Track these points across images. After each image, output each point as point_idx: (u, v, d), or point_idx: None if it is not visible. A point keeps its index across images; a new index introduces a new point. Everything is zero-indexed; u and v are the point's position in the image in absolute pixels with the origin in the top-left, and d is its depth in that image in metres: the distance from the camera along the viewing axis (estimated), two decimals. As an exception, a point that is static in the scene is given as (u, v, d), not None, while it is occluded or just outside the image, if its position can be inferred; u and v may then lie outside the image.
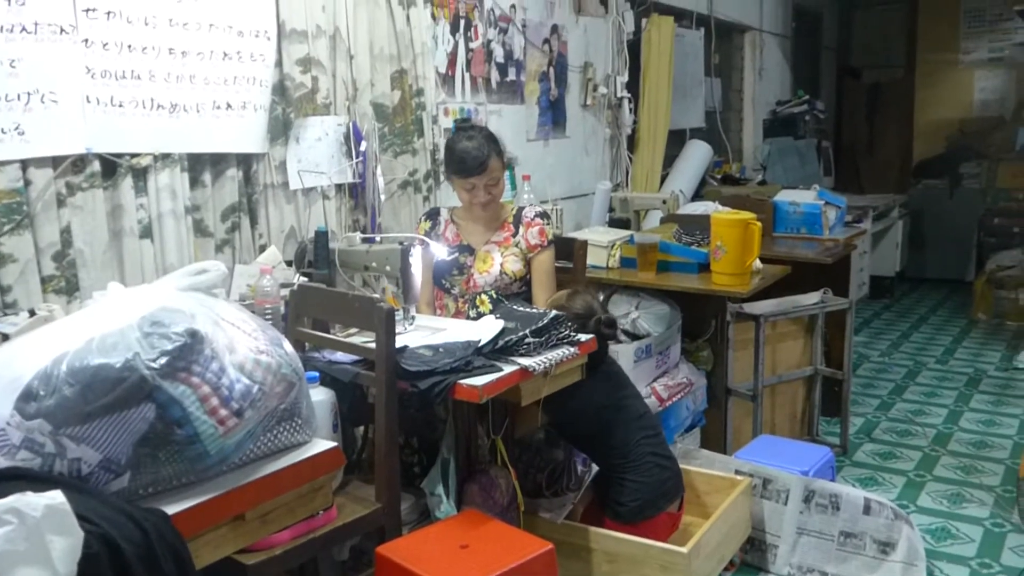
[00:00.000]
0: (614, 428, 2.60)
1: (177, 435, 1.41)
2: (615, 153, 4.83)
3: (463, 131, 2.92)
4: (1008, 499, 3.33)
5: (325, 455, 1.63)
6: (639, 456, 2.59)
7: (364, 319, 2.24)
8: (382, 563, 2.03)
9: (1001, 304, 6.19)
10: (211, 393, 1.43)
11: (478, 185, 2.84)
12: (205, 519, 1.43)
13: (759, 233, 3.19)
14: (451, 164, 2.88)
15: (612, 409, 2.62)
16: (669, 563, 2.33)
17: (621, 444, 2.59)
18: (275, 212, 2.93)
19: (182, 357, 1.41)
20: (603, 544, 2.43)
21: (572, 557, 2.48)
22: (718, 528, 2.56)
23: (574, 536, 2.48)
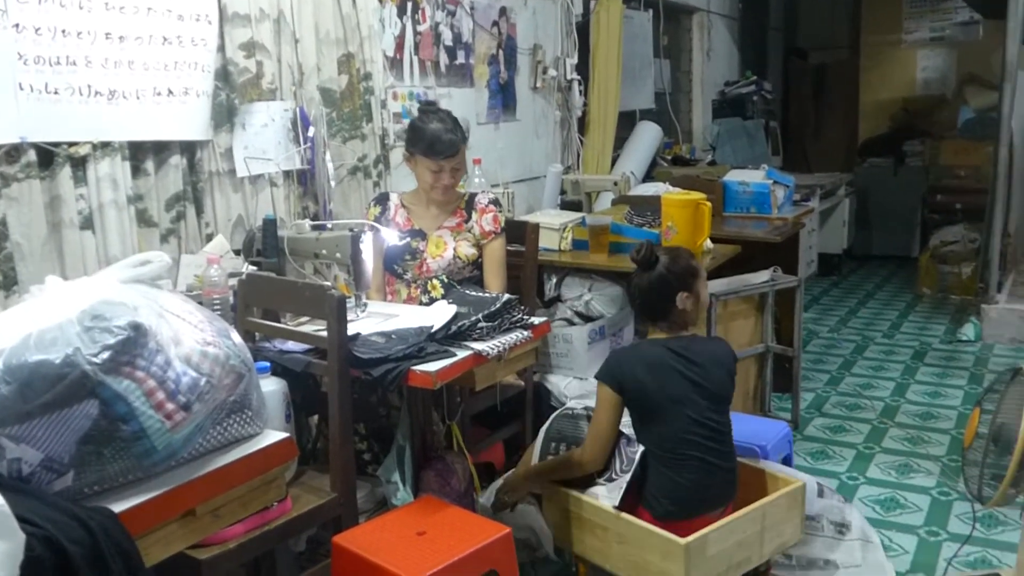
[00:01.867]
0: (670, 417, 2.36)
1: (122, 431, 1.37)
2: (566, 135, 4.83)
3: (430, 113, 2.88)
4: (954, 468, 3.42)
5: (277, 446, 1.60)
6: (685, 456, 2.36)
7: (315, 307, 2.21)
8: (339, 553, 2.01)
9: (945, 279, 6.34)
10: (157, 387, 1.39)
11: (445, 168, 2.83)
12: (154, 516, 1.40)
13: (709, 213, 3.21)
14: (419, 145, 2.83)
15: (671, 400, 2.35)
16: (667, 551, 2.26)
17: (671, 437, 2.36)
18: (222, 200, 2.88)
19: (125, 351, 1.37)
20: (614, 524, 2.39)
21: (588, 532, 2.46)
22: (734, 529, 2.36)
23: (590, 512, 2.44)
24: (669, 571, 2.25)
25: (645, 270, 2.40)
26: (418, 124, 2.86)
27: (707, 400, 2.38)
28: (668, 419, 2.36)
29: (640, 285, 2.41)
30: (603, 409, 2.38)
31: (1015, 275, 5.74)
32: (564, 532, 2.53)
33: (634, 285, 2.44)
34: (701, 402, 2.37)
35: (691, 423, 2.36)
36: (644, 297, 2.42)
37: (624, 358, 2.42)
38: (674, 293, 2.38)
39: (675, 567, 2.23)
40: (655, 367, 2.36)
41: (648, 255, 2.40)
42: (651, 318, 2.46)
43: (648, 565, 2.31)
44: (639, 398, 2.36)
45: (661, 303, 2.40)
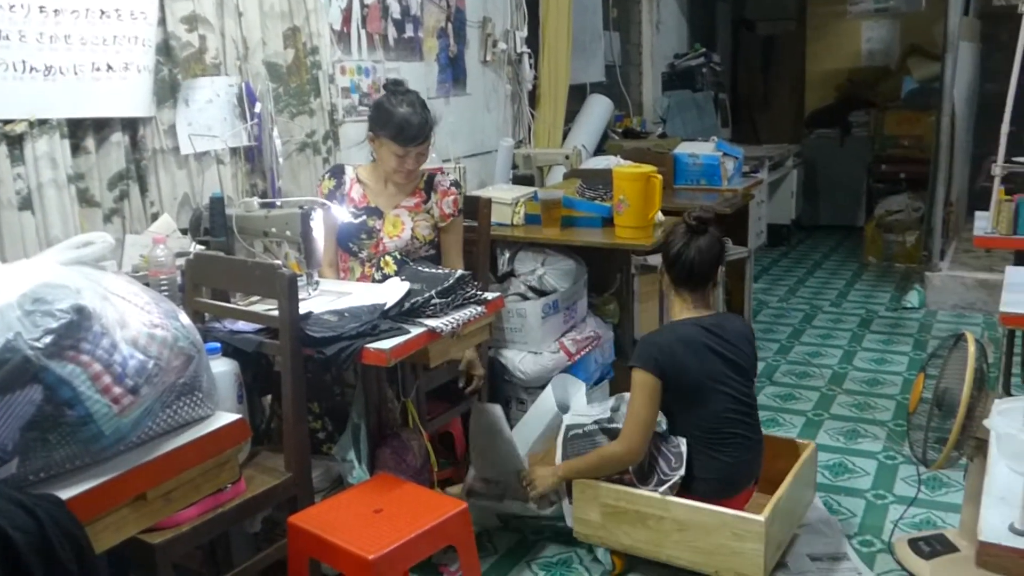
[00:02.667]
0: (711, 397, 2.43)
1: (68, 416, 1.34)
2: (517, 109, 4.80)
3: (398, 95, 2.79)
4: (899, 432, 3.51)
5: (229, 428, 1.58)
6: (727, 435, 2.44)
7: (265, 286, 2.18)
8: (295, 533, 2.00)
9: (890, 247, 6.47)
10: (103, 371, 1.36)
11: (411, 154, 2.77)
12: (103, 502, 1.38)
13: (660, 186, 3.23)
14: (385, 128, 2.75)
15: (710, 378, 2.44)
16: (744, 531, 2.31)
17: (712, 417, 2.43)
18: (166, 179, 2.81)
19: (69, 335, 1.33)
20: (673, 512, 2.39)
21: (638, 525, 2.45)
22: (790, 495, 2.49)
23: (639, 503, 2.44)
24: (744, 550, 2.30)
25: (699, 234, 2.47)
26: (386, 106, 2.77)
27: (741, 376, 2.46)
28: (709, 399, 2.41)
29: (700, 247, 2.46)
30: (643, 396, 2.38)
31: (957, 243, 5.87)
32: (600, 529, 2.52)
33: (688, 247, 2.46)
34: (736, 378, 2.44)
35: (730, 401, 2.42)
36: (698, 259, 2.45)
37: (661, 340, 2.45)
38: (718, 264, 2.51)
39: (753, 546, 2.29)
40: (692, 347, 2.41)
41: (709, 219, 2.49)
42: (691, 285, 2.50)
43: (718, 549, 2.35)
44: (680, 380, 2.39)
45: (708, 271, 2.48)
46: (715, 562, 2.38)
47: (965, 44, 5.47)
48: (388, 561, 1.84)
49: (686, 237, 2.49)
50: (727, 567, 2.36)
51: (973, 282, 5.23)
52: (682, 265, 2.49)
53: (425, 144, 2.81)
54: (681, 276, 2.52)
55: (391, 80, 2.90)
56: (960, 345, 2.53)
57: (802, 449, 2.72)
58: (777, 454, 2.72)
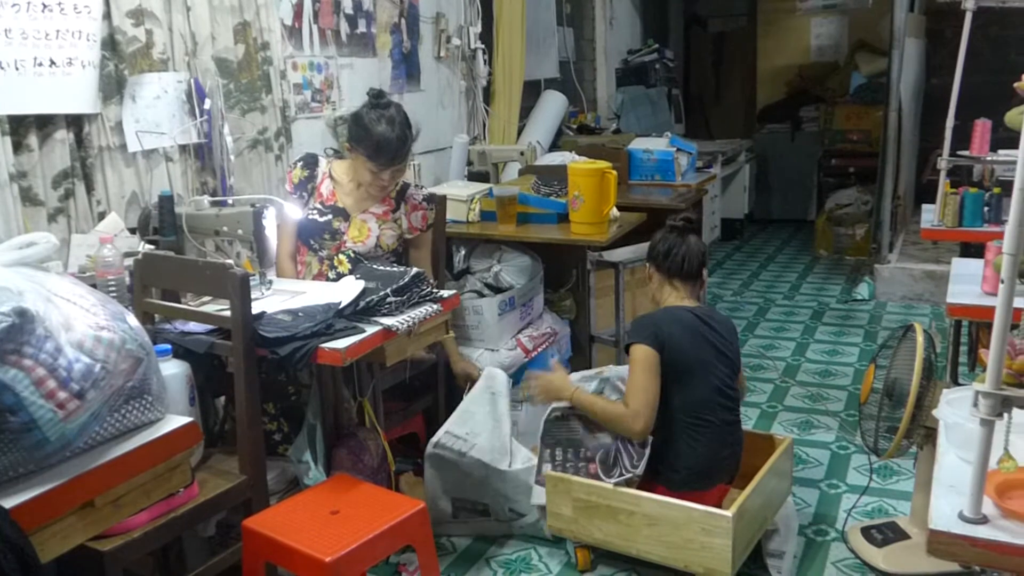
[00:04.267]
0: (699, 382, 2.46)
1: (11, 423, 1.30)
2: (471, 105, 4.78)
3: (379, 108, 2.71)
4: (851, 423, 3.57)
5: (180, 431, 1.55)
6: (709, 423, 2.46)
7: (217, 286, 2.14)
8: (249, 536, 1.97)
9: (840, 240, 6.58)
10: (47, 375, 1.32)
11: (387, 172, 2.73)
12: (49, 510, 1.34)
13: (615, 182, 3.24)
14: (362, 145, 2.69)
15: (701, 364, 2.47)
16: (713, 527, 2.30)
17: (698, 402, 2.46)
18: (114, 177, 2.75)
19: (10, 339, 1.29)
20: (643, 507, 2.39)
21: (609, 519, 2.45)
22: (760, 491, 2.46)
23: (611, 498, 2.44)
24: (713, 546, 2.30)
25: (687, 232, 2.61)
26: (365, 121, 2.69)
27: (727, 368, 2.51)
28: (696, 383, 2.45)
29: (691, 242, 2.59)
30: (646, 370, 2.41)
31: (905, 235, 5.99)
32: (572, 523, 2.52)
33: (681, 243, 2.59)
34: (723, 369, 2.49)
35: (715, 389, 2.46)
36: (691, 252, 2.58)
37: (659, 318, 2.51)
38: (705, 263, 2.63)
39: (721, 541, 2.29)
40: (688, 328, 2.47)
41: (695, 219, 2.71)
42: (683, 276, 2.60)
43: (687, 544, 2.35)
44: (674, 358, 2.43)
45: (699, 265, 2.60)
46: (684, 557, 2.38)
47: (911, 40, 5.57)
48: (345, 563, 1.82)
49: (677, 235, 2.61)
50: (696, 562, 2.36)
51: (921, 274, 5.34)
52: (675, 257, 2.58)
53: (403, 164, 2.77)
54: (675, 268, 2.59)
55: (373, 91, 2.80)
56: (909, 336, 2.57)
57: (778, 444, 2.71)
58: (754, 449, 2.70)
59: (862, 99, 7.27)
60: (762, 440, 2.78)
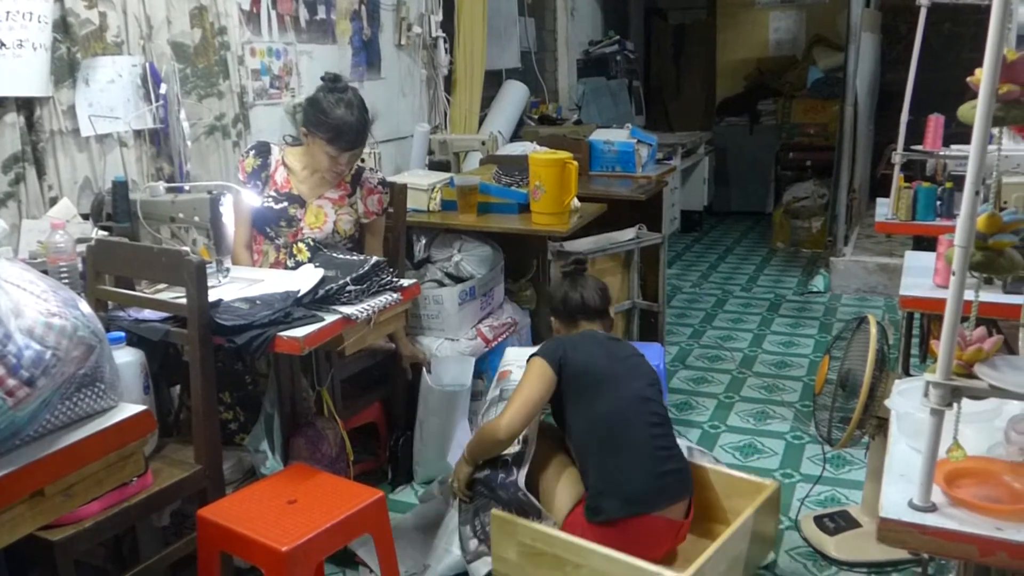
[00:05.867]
0: (611, 395, 2.26)
1: (-43, 411, 1.27)
2: (432, 95, 4.76)
3: (336, 92, 2.67)
4: (806, 413, 3.62)
5: (133, 420, 1.52)
6: (626, 437, 2.21)
7: (172, 274, 2.11)
8: (204, 526, 1.95)
9: (797, 233, 6.67)
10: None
11: (345, 156, 2.70)
12: None
13: (576, 172, 3.24)
14: (321, 128, 2.65)
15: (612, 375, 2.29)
16: None
17: (610, 415, 2.23)
18: (66, 161, 2.69)
19: (-43, 325, 1.26)
20: (590, 560, 2.08)
21: (554, 569, 2.16)
22: (729, 549, 2.14)
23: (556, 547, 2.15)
24: None
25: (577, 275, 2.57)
26: (323, 104, 2.65)
27: (645, 382, 2.33)
28: (610, 394, 2.26)
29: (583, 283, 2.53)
30: (533, 380, 2.27)
31: (860, 228, 6.09)
32: (519, 570, 2.26)
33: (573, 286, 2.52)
34: (639, 382, 2.31)
35: (632, 399, 2.26)
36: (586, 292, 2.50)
37: (567, 337, 2.44)
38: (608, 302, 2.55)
39: None
40: (597, 342, 2.40)
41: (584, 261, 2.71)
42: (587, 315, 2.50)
43: None
44: (581, 372, 2.27)
45: (601, 304, 2.51)
46: None
47: (867, 35, 5.65)
48: (302, 552, 1.81)
49: (567, 281, 2.55)
50: None
51: (874, 266, 5.43)
52: (571, 301, 2.49)
53: (361, 148, 2.75)
54: (575, 308, 2.48)
55: (330, 75, 2.77)
56: (863, 328, 2.62)
57: (761, 490, 2.37)
58: (734, 493, 2.45)
59: (819, 93, 7.37)
60: (744, 484, 2.45)
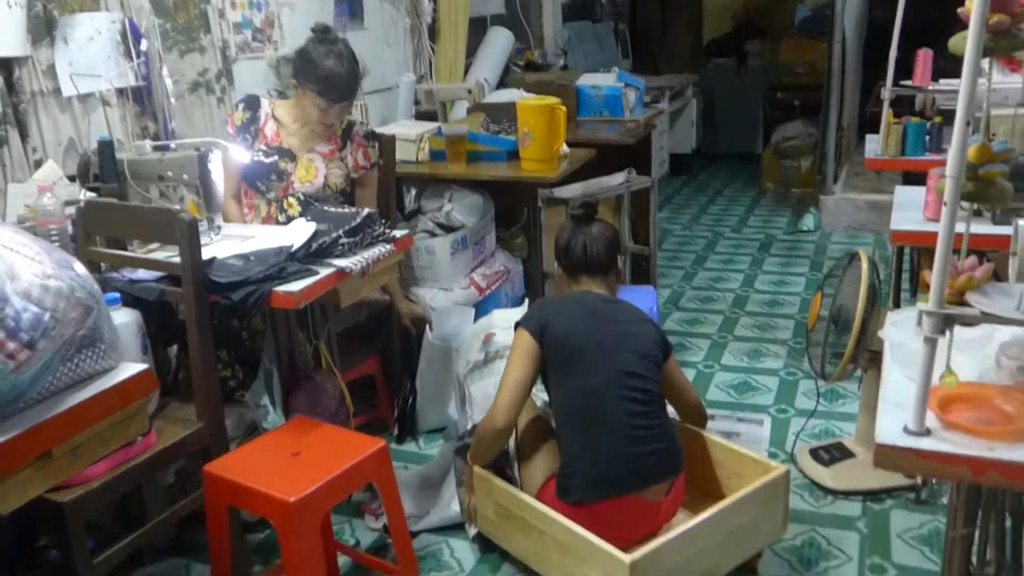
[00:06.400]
0: (595, 368, 2.15)
1: (-40, 375, 1.27)
2: (416, 44, 4.69)
3: (326, 43, 2.66)
4: (799, 350, 3.66)
5: (135, 379, 1.53)
6: (606, 416, 2.12)
7: (164, 233, 2.10)
8: (210, 481, 1.97)
9: (786, 173, 6.66)
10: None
11: (335, 108, 2.68)
12: (6, 462, 1.32)
13: (564, 118, 3.23)
14: (311, 80, 2.64)
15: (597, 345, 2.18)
16: (612, 571, 1.92)
17: (592, 390, 2.14)
18: (48, 123, 2.66)
19: (-46, 290, 1.26)
20: (553, 530, 2.07)
21: (524, 532, 2.19)
22: (704, 533, 2.04)
23: (525, 511, 2.16)
24: None
25: (585, 222, 2.38)
26: (312, 55, 2.64)
27: (634, 354, 2.19)
28: (591, 366, 2.15)
29: (589, 233, 2.35)
30: (517, 357, 2.20)
31: (849, 167, 6.08)
32: (497, 528, 2.31)
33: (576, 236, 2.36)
34: (627, 354, 2.17)
35: (617, 374, 2.14)
36: (590, 245, 2.34)
37: (549, 300, 2.36)
38: (616, 252, 2.38)
39: None
40: (584, 307, 2.25)
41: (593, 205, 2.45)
42: (588, 271, 2.36)
43: None
44: (561, 340, 2.18)
45: (604, 257, 2.35)
46: None
47: (854, -30, 5.58)
48: (309, 502, 1.83)
49: (573, 227, 2.39)
50: None
51: (864, 204, 5.44)
52: (574, 253, 2.35)
53: (351, 100, 2.73)
54: (578, 263, 2.35)
55: (319, 26, 2.74)
56: (854, 263, 2.63)
57: (766, 472, 2.23)
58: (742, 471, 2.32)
59: (807, 32, 7.30)
60: (751, 464, 2.31)
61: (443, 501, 2.58)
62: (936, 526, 2.45)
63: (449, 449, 2.66)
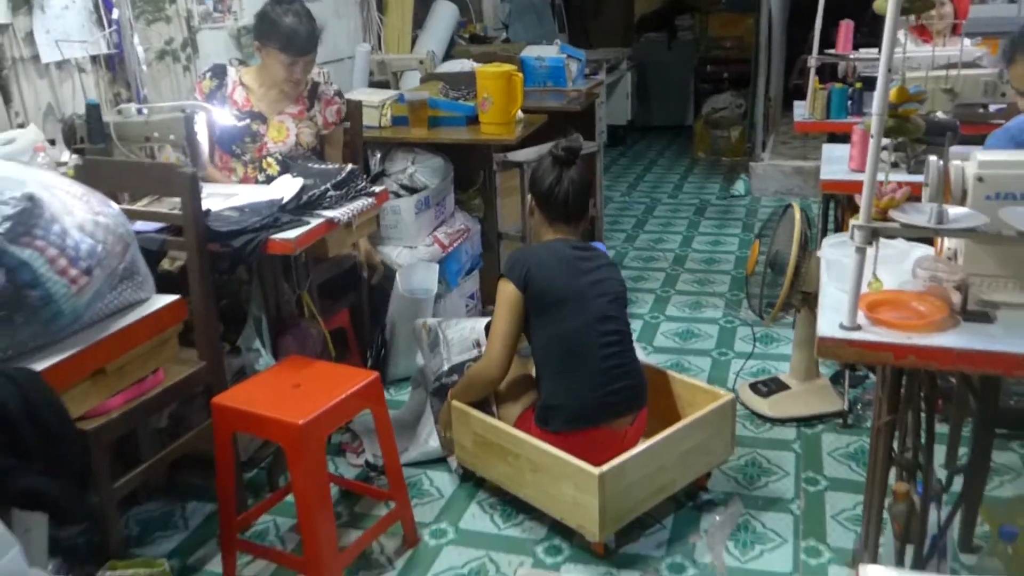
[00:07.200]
0: (573, 314, 2.31)
1: (30, 297, 1.43)
2: (366, 16, 4.84)
3: (283, 4, 2.80)
4: (735, 301, 3.97)
5: (168, 308, 1.71)
6: (584, 357, 2.30)
7: (164, 185, 2.25)
8: (219, 411, 2.13)
9: (717, 142, 7.00)
10: (58, 254, 1.46)
11: (299, 63, 2.83)
12: (70, 375, 1.49)
13: (521, 84, 3.44)
14: (273, 38, 2.78)
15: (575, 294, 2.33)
16: (581, 482, 2.16)
17: (571, 335, 2.31)
18: (29, 88, 2.76)
19: (23, 222, 1.42)
20: (526, 451, 2.30)
21: (500, 458, 2.40)
22: (662, 451, 2.29)
23: (500, 438, 2.38)
24: (584, 502, 2.17)
25: (568, 165, 2.39)
26: (271, 15, 2.78)
27: (607, 298, 2.37)
28: (570, 314, 2.31)
29: (572, 178, 2.38)
30: (503, 309, 2.34)
31: (775, 136, 6.44)
32: (474, 458, 2.50)
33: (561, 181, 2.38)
34: (601, 299, 2.35)
35: (593, 320, 2.31)
36: (572, 192, 2.38)
37: (529, 252, 2.40)
38: (589, 196, 2.44)
39: (590, 498, 2.14)
40: (561, 259, 2.35)
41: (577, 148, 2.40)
42: (566, 219, 2.43)
43: (563, 496, 2.24)
44: (543, 290, 2.31)
45: (583, 204, 2.42)
46: (561, 510, 2.28)
47: (779, -51, 5.89)
48: (315, 425, 2.02)
49: (556, 170, 2.40)
50: (571, 517, 2.26)
51: (790, 169, 5.80)
52: (555, 200, 2.39)
53: (313, 54, 2.88)
54: (556, 213, 2.42)
55: None
56: (788, 214, 2.93)
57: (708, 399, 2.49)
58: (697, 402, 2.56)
59: (735, 7, 7.62)
60: (703, 393, 2.57)
61: (420, 439, 2.79)
62: (861, 445, 2.76)
63: (420, 394, 2.88)
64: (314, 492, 2.05)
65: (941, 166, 1.59)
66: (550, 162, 2.42)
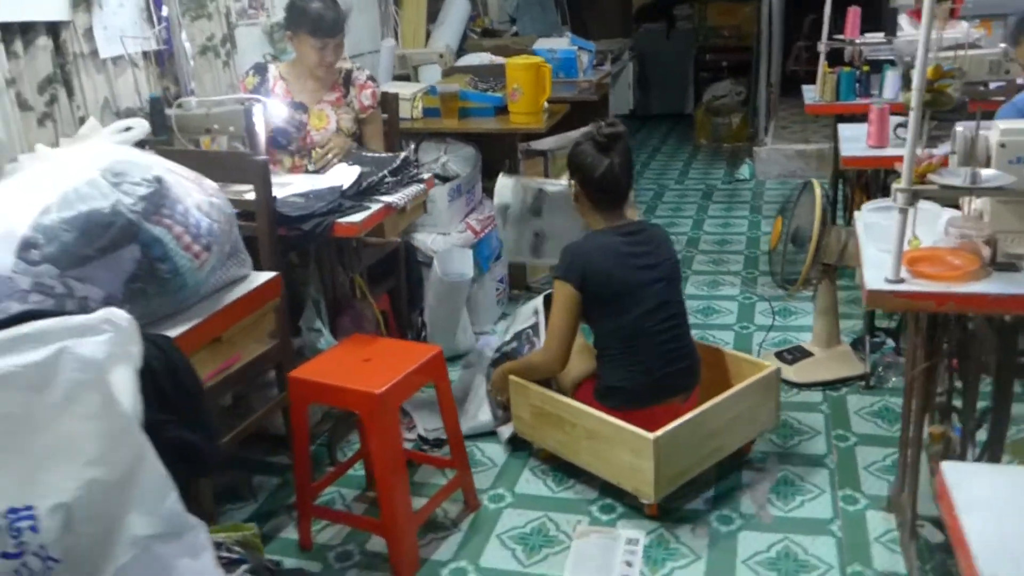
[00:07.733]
0: (630, 305, 2.42)
1: (161, 270, 1.58)
2: (383, 11, 4.97)
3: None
4: (751, 279, 4.14)
5: (268, 284, 1.86)
6: (644, 345, 2.42)
7: (238, 173, 2.40)
8: (295, 384, 2.27)
9: (718, 129, 7.17)
10: (183, 231, 1.61)
11: (330, 46, 2.98)
12: (195, 341, 1.64)
13: (550, 74, 3.59)
14: (303, 24, 2.95)
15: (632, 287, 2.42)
16: (637, 447, 2.31)
17: (630, 325, 2.42)
18: (89, 83, 2.89)
19: (154, 201, 1.57)
20: (583, 420, 2.45)
21: (557, 428, 2.54)
22: (711, 418, 2.43)
23: (559, 408, 2.52)
24: (639, 466, 2.31)
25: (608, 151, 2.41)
26: (299, 3, 2.96)
27: (662, 283, 2.46)
28: (627, 306, 2.40)
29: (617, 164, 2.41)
30: (562, 308, 2.44)
31: (777, 120, 6.61)
32: (531, 428, 2.66)
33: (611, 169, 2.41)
34: (657, 285, 2.44)
35: (650, 310, 2.42)
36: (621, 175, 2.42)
37: (583, 249, 2.45)
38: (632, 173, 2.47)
39: (645, 462, 2.29)
40: (613, 254, 2.41)
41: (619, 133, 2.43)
42: (614, 201, 2.47)
43: (618, 460, 2.38)
44: (600, 289, 2.40)
45: (627, 185, 2.47)
46: (616, 473, 2.43)
47: (778, -62, 6.05)
48: (391, 395, 2.17)
49: (602, 156, 2.42)
50: (626, 480, 2.40)
51: (793, 153, 5.97)
52: (604, 186, 2.44)
53: (341, 35, 3.04)
54: (604, 197, 2.47)
55: None
56: (808, 189, 3.10)
57: (754, 371, 2.63)
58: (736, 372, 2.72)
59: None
60: (748, 366, 2.71)
61: (469, 414, 2.95)
62: (885, 404, 2.94)
63: (470, 374, 3.05)
64: (390, 457, 2.21)
65: (969, 135, 1.76)
66: (592, 147, 2.45)
